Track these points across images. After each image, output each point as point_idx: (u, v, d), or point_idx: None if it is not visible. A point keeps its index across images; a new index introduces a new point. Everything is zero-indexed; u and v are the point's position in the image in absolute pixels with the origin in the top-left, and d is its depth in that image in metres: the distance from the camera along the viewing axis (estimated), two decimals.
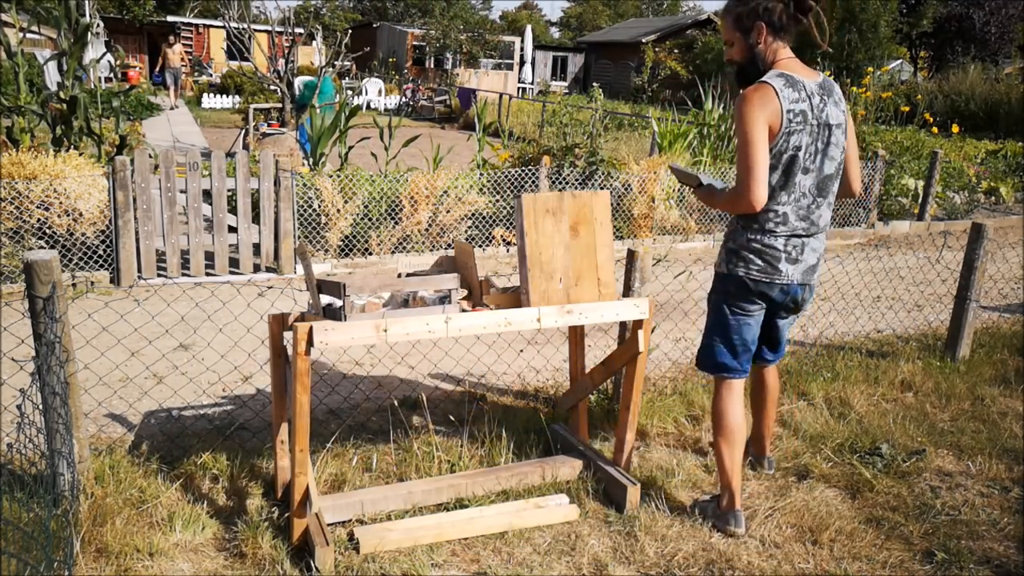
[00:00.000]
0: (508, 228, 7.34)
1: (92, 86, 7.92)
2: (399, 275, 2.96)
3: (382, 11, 47.71)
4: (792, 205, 2.73)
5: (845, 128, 2.78)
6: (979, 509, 3.15)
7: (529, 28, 30.26)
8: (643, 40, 32.23)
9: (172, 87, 20.05)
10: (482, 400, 4.08)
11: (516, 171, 7.34)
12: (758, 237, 2.78)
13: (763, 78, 2.67)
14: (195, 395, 4.07)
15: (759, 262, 2.80)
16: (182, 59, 20.97)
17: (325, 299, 2.76)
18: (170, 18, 29.31)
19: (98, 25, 14.53)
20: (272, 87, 14.98)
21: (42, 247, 5.71)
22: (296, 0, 36.07)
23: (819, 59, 16.02)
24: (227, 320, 4.53)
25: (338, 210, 6.58)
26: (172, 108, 19.40)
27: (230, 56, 26.28)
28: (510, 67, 31.86)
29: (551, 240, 2.88)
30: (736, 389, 2.93)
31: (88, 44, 7.21)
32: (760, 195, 2.62)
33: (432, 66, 30.14)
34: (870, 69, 12.34)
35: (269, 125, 11.83)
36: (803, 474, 3.38)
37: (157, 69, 22.99)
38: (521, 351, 4.86)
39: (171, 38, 21.52)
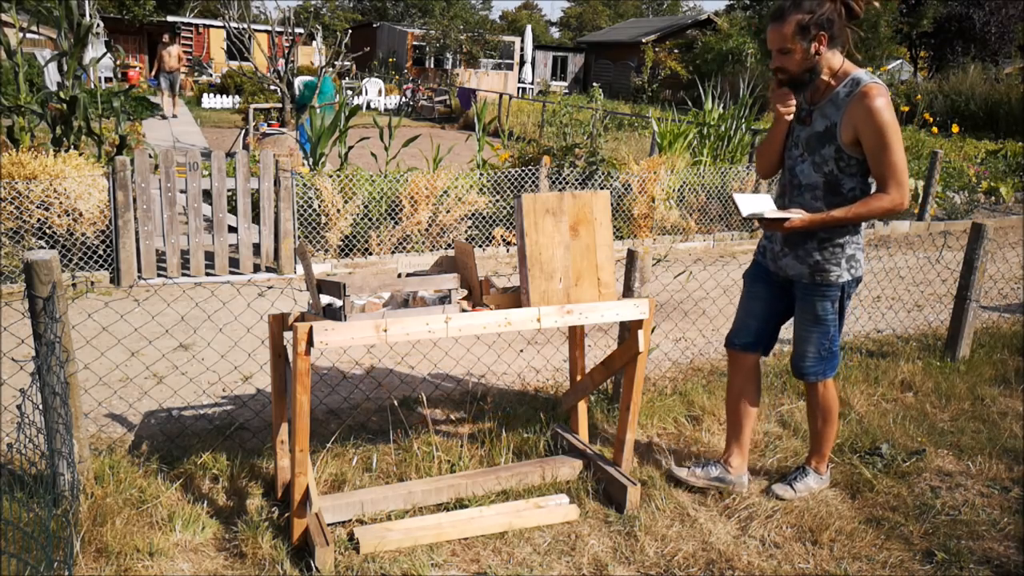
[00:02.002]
0: (508, 228, 7.34)
1: (92, 86, 7.92)
2: (399, 275, 2.96)
3: (382, 11, 47.72)
4: None
5: None
6: (979, 509, 3.15)
7: (529, 28, 30.26)
8: (643, 40, 32.24)
9: (168, 93, 17.47)
10: (482, 400, 4.08)
11: (516, 171, 7.34)
12: (860, 235, 2.90)
13: (875, 80, 2.67)
14: (195, 395, 4.07)
15: (861, 258, 2.92)
16: (180, 61, 17.81)
17: (325, 299, 2.76)
18: (170, 18, 29.30)
19: (98, 25, 14.29)
20: (272, 87, 14.98)
21: (42, 247, 5.71)
22: (296, 0, 36.07)
23: None
24: (227, 320, 4.53)
25: (338, 210, 6.58)
26: (172, 116, 17.29)
27: (230, 56, 26.29)
28: (510, 67, 31.87)
29: (551, 240, 2.88)
30: None
31: (88, 44, 7.21)
32: (908, 196, 2.72)
33: (432, 66, 30.15)
34: (870, 69, 12.35)
35: (269, 125, 11.83)
36: None
37: (152, 72, 19.87)
38: (521, 351, 4.86)
39: (166, 37, 17.85)
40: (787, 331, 3.25)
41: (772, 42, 2.74)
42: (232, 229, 6.32)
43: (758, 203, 2.82)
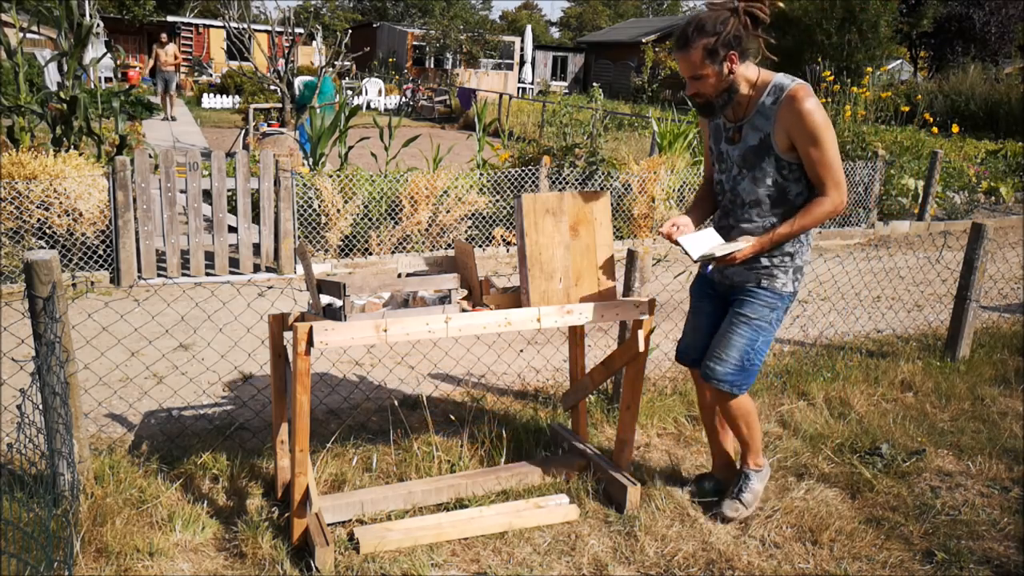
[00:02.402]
0: (508, 228, 7.34)
1: (92, 86, 7.92)
2: (399, 275, 2.96)
3: (382, 11, 47.72)
4: None
5: None
6: (979, 509, 3.15)
7: (529, 28, 30.26)
8: (643, 40, 32.23)
9: (163, 95, 16.77)
10: (482, 400, 4.08)
11: (516, 171, 7.34)
12: (808, 247, 2.81)
13: (797, 81, 2.60)
14: (195, 395, 4.07)
15: (804, 273, 2.84)
16: (176, 60, 17.04)
17: (325, 299, 2.76)
18: (170, 18, 29.32)
19: (98, 25, 14.19)
20: (272, 87, 14.98)
21: (42, 247, 5.71)
22: (296, 0, 36.07)
23: (819, 59, 16.04)
24: (227, 320, 4.53)
25: (338, 210, 6.58)
26: (168, 119, 16.63)
27: (230, 56, 26.28)
28: (510, 67, 31.87)
29: (551, 240, 2.88)
30: None
31: (88, 44, 7.21)
32: (845, 195, 2.66)
33: (432, 66, 30.15)
34: (870, 69, 12.34)
35: (269, 125, 11.83)
36: (803, 474, 3.38)
37: (148, 70, 19.39)
38: (521, 351, 4.86)
39: (163, 36, 17.18)
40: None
41: (683, 70, 2.63)
42: (232, 229, 6.32)
43: (705, 241, 2.73)
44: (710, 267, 2.77)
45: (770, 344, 2.85)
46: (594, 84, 9.26)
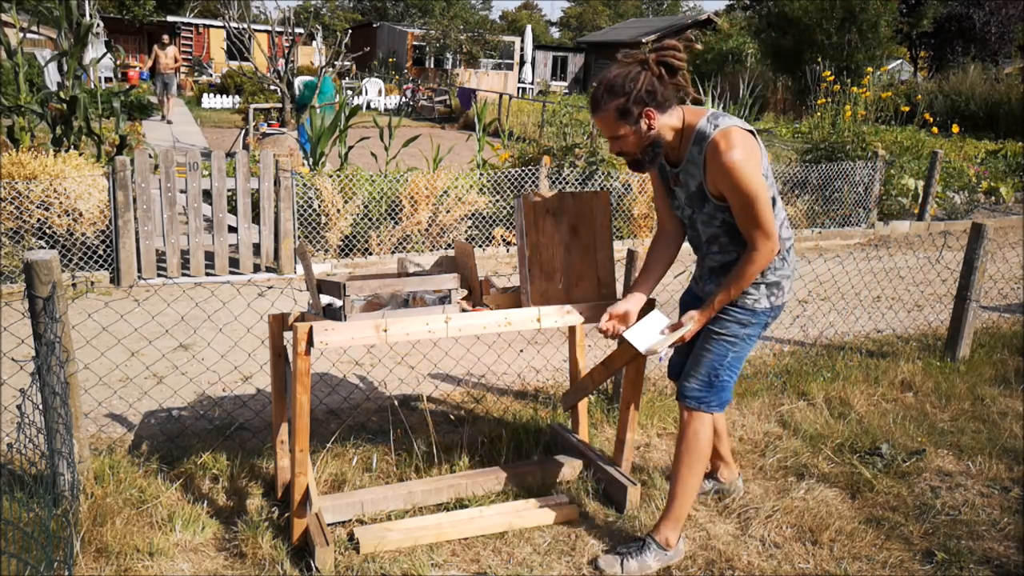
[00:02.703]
0: (508, 228, 7.34)
1: (92, 86, 7.92)
2: (399, 273, 2.96)
3: (382, 11, 47.72)
4: (784, 229, 2.66)
5: None
6: (979, 509, 3.15)
7: (529, 28, 30.27)
8: (643, 40, 32.20)
9: (162, 96, 16.53)
10: (482, 400, 4.08)
11: (516, 171, 7.34)
12: (786, 261, 2.66)
13: (720, 125, 2.45)
14: (195, 395, 4.07)
15: (787, 286, 2.68)
16: (177, 62, 16.87)
17: (325, 299, 2.76)
18: (170, 18, 29.33)
19: (98, 25, 14.13)
20: (272, 87, 14.97)
21: (42, 247, 5.71)
22: (296, 0, 36.06)
23: (819, 60, 16.04)
24: (227, 320, 4.53)
25: (338, 210, 6.58)
26: (168, 121, 16.32)
27: (230, 56, 26.29)
28: (510, 67, 31.87)
29: (551, 240, 2.88)
30: None
31: (88, 44, 7.22)
32: (777, 243, 2.50)
33: (432, 66, 30.16)
34: (870, 69, 12.34)
35: (269, 125, 11.83)
36: (803, 474, 3.38)
37: (147, 68, 19.05)
38: (521, 351, 4.86)
39: (165, 37, 16.95)
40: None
41: (602, 131, 2.55)
42: (232, 229, 6.32)
43: (651, 328, 2.64)
44: (662, 356, 2.64)
45: (743, 360, 2.72)
46: (594, 84, 9.26)
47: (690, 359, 2.76)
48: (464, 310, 2.82)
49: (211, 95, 22.00)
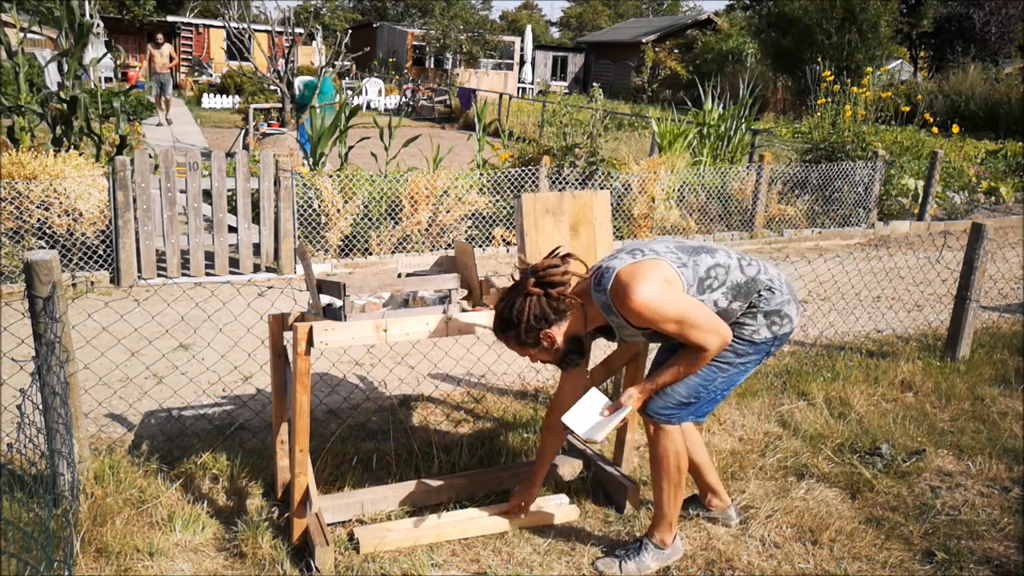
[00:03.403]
0: (508, 228, 7.34)
1: (92, 86, 7.92)
2: (399, 275, 2.96)
3: (382, 11, 47.71)
4: (761, 273, 2.57)
5: None
6: (979, 509, 3.15)
7: (529, 28, 30.27)
8: (643, 40, 32.25)
9: (158, 98, 15.70)
10: (482, 400, 4.08)
11: (516, 171, 7.34)
12: (776, 291, 2.57)
13: (604, 274, 2.42)
14: (195, 395, 4.07)
15: (791, 312, 2.60)
16: (173, 62, 16.02)
17: (325, 299, 2.76)
18: (170, 18, 29.32)
19: (98, 25, 14.04)
20: (272, 87, 14.97)
21: (42, 247, 5.71)
22: (296, 0, 36.06)
23: (819, 60, 16.04)
24: (227, 320, 4.53)
25: (338, 210, 6.58)
26: (159, 124, 15.52)
27: (230, 56, 26.28)
28: (510, 67, 31.87)
29: (551, 240, 2.88)
30: None
31: (88, 44, 7.21)
32: (726, 331, 2.43)
33: (432, 66, 30.15)
34: (870, 69, 12.33)
35: (269, 125, 11.83)
36: (803, 474, 3.38)
37: (140, 75, 17.91)
38: None
39: (159, 37, 16.13)
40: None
41: (514, 351, 2.55)
42: (232, 229, 6.32)
43: (590, 409, 2.51)
44: (602, 440, 2.55)
45: (734, 386, 2.65)
46: (594, 84, 9.27)
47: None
48: (464, 310, 2.82)
49: (211, 95, 22.00)
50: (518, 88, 29.56)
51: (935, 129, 11.26)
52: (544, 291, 2.43)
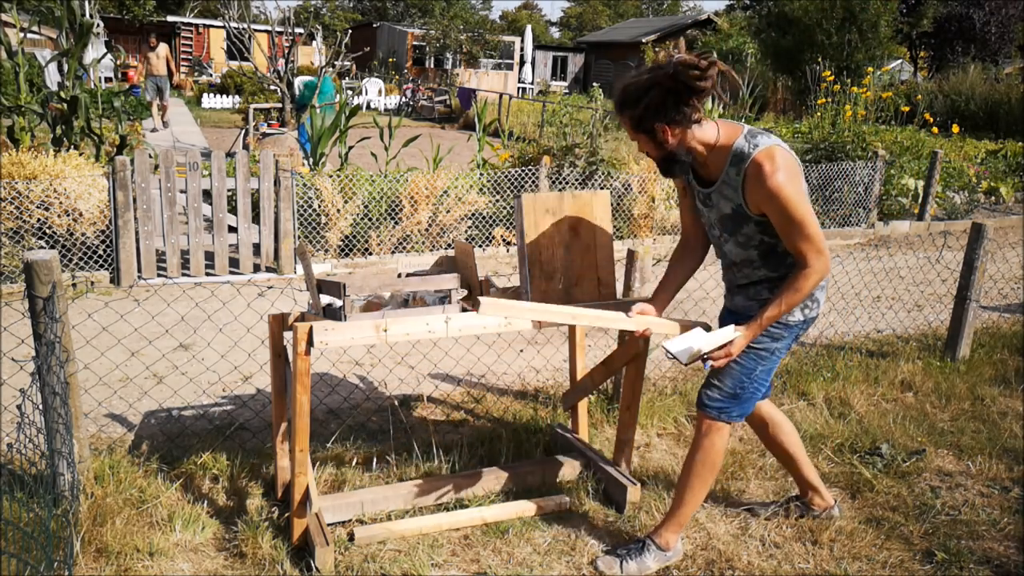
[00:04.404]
0: (508, 228, 7.34)
1: (92, 86, 7.92)
2: (399, 275, 2.96)
3: (382, 11, 47.72)
4: None
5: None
6: (979, 509, 3.15)
7: (529, 28, 30.28)
8: (643, 40, 32.22)
9: (155, 102, 14.98)
10: (482, 400, 4.08)
11: (516, 171, 7.34)
12: None
13: (759, 145, 2.38)
14: (195, 395, 4.07)
15: (821, 298, 2.64)
16: (169, 64, 15.11)
17: (325, 299, 2.76)
18: (170, 18, 29.34)
19: (98, 25, 13.91)
20: (272, 87, 14.97)
21: (42, 247, 5.71)
22: (296, 0, 36.07)
23: (819, 60, 16.04)
24: (227, 320, 4.53)
25: (338, 210, 6.58)
26: (153, 130, 14.69)
27: (230, 56, 26.29)
28: (510, 67, 31.87)
29: (551, 240, 2.88)
30: None
31: (89, 44, 7.22)
32: (828, 260, 2.43)
33: (432, 66, 30.16)
34: (870, 69, 12.33)
35: (269, 125, 11.84)
36: None
37: (140, 78, 16.72)
38: (521, 351, 4.86)
39: (152, 39, 15.26)
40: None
41: (627, 132, 2.52)
42: (232, 229, 6.32)
43: (692, 341, 2.50)
44: (708, 364, 2.54)
45: (772, 373, 2.68)
46: (594, 84, 9.26)
47: (713, 370, 2.66)
48: (464, 310, 2.82)
49: (211, 95, 22.00)
50: (518, 88, 29.56)
51: (935, 129, 11.26)
52: (675, 85, 2.32)
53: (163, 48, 14.97)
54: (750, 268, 2.61)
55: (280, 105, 12.21)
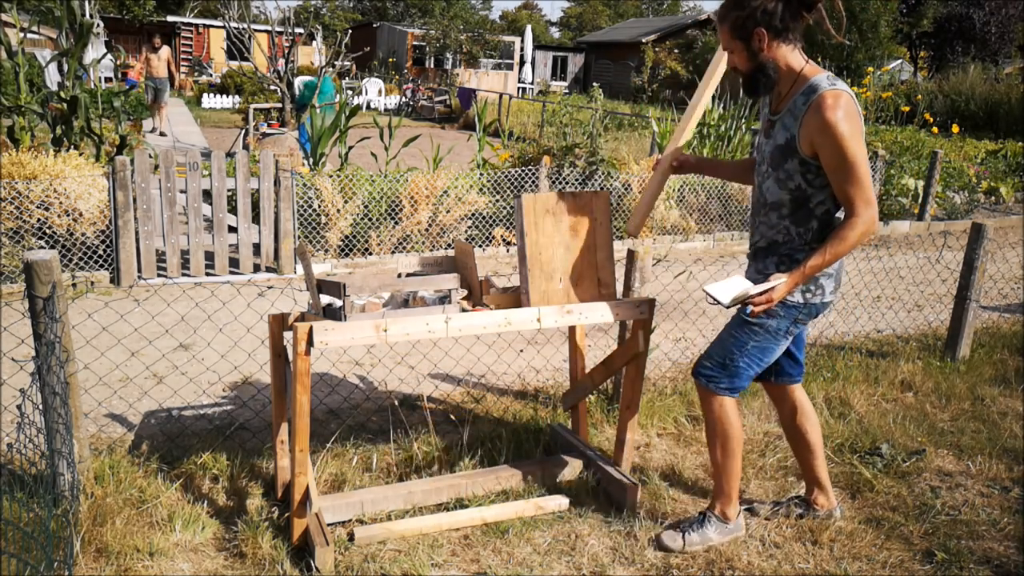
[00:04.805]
0: (508, 228, 7.34)
1: (92, 86, 7.92)
2: (399, 275, 2.96)
3: (382, 11, 47.73)
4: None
5: None
6: (979, 509, 3.15)
7: (529, 28, 30.27)
8: (643, 40, 32.24)
9: (153, 105, 14.33)
10: (482, 400, 4.08)
11: (516, 171, 7.34)
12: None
13: (836, 85, 2.42)
14: (195, 395, 4.07)
15: (828, 286, 2.63)
16: (171, 67, 14.61)
17: (325, 299, 2.76)
18: (170, 18, 29.34)
19: (98, 25, 13.83)
20: (272, 87, 14.98)
21: (42, 247, 5.71)
22: (296, 0, 36.07)
23: (819, 60, 16.05)
24: (227, 320, 4.53)
25: (338, 210, 6.58)
26: (153, 131, 14.14)
27: (230, 56, 26.29)
28: (510, 67, 31.87)
29: (551, 240, 2.88)
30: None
31: (89, 44, 7.22)
32: (876, 212, 2.44)
33: (432, 66, 30.16)
34: (870, 69, 12.35)
35: (269, 125, 11.84)
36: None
37: (138, 73, 16.23)
38: (521, 351, 4.86)
39: (156, 39, 14.68)
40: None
41: (722, 43, 2.60)
42: (232, 229, 6.32)
43: (734, 287, 2.52)
44: (748, 310, 2.55)
45: (769, 353, 2.68)
46: (594, 84, 9.27)
47: (715, 339, 2.78)
48: (464, 310, 2.82)
49: (211, 95, 22.00)
50: (518, 88, 29.56)
51: (935, 129, 11.27)
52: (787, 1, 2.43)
53: (165, 51, 14.57)
54: (776, 215, 2.61)
55: (280, 105, 12.22)
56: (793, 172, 2.52)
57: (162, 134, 14.12)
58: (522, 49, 30.07)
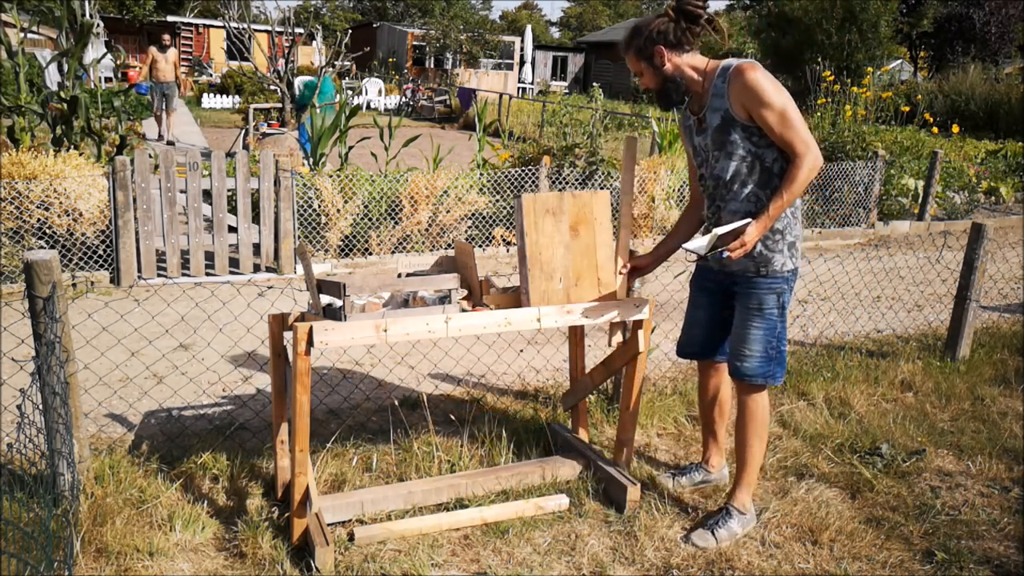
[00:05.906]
0: (508, 228, 7.34)
1: (92, 86, 7.92)
2: (399, 275, 2.96)
3: (382, 11, 47.73)
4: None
5: None
6: (979, 509, 3.15)
7: (529, 28, 30.27)
8: None
9: (160, 111, 13.37)
10: (482, 400, 4.08)
11: (516, 171, 7.34)
12: (799, 222, 2.79)
13: (740, 60, 2.67)
14: (195, 395, 4.07)
15: (800, 249, 2.81)
16: (177, 69, 13.62)
17: (325, 299, 2.76)
18: (170, 18, 29.35)
19: (98, 25, 13.71)
20: (272, 87, 14.97)
21: (42, 247, 5.71)
22: (296, 0, 36.06)
23: (819, 60, 16.05)
24: (227, 320, 4.53)
25: (338, 210, 6.58)
26: (160, 139, 13.42)
27: (230, 56, 26.30)
28: (510, 67, 31.87)
29: (551, 240, 2.88)
30: None
31: (89, 44, 7.22)
32: (818, 152, 2.61)
33: (432, 66, 30.17)
34: (870, 69, 12.34)
35: (269, 125, 11.84)
36: (803, 474, 3.38)
37: (142, 77, 15.25)
38: (521, 351, 4.86)
39: (165, 38, 13.69)
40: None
41: (631, 68, 2.83)
42: (232, 229, 6.32)
43: (705, 238, 2.66)
44: (724, 254, 2.62)
45: (787, 326, 2.84)
46: (594, 84, 9.26)
47: (737, 342, 2.84)
48: (464, 310, 2.82)
49: (211, 95, 22.00)
50: (518, 88, 29.56)
51: (935, 129, 11.26)
52: (677, 16, 2.70)
53: (173, 52, 13.48)
54: (739, 185, 2.73)
55: (280, 105, 12.22)
56: (738, 141, 2.69)
57: (169, 143, 13.15)
58: (522, 49, 30.07)
